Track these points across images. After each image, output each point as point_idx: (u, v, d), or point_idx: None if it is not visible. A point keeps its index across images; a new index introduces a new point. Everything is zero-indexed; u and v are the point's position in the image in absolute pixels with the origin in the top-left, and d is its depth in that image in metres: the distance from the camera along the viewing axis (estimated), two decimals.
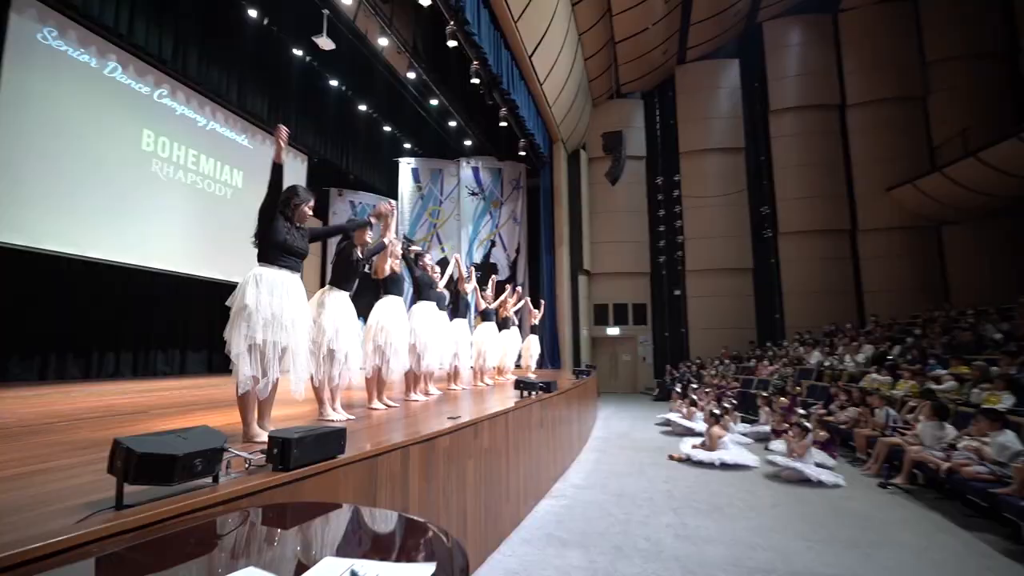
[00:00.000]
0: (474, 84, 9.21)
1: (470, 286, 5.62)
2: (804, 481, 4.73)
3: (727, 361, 12.81)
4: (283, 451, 1.56)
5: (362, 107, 11.42)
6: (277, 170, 2.39)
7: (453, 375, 5.43)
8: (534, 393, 4.41)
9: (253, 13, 8.24)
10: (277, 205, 2.43)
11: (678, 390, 9.29)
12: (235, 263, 8.57)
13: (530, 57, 9.86)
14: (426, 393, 4.80)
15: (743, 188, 14.44)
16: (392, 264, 3.70)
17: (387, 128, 12.58)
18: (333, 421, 2.94)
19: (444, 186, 13.60)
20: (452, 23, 7.63)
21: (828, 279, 13.22)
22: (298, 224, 2.57)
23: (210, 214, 8.70)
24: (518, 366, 8.42)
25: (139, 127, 7.64)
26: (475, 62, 8.57)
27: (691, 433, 7.01)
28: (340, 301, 3.07)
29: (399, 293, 3.70)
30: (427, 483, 2.30)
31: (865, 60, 13.19)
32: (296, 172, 11.01)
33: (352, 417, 3.04)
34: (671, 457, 5.78)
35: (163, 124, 8.00)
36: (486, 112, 10.88)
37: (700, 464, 5.41)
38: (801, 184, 13.54)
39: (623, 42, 13.18)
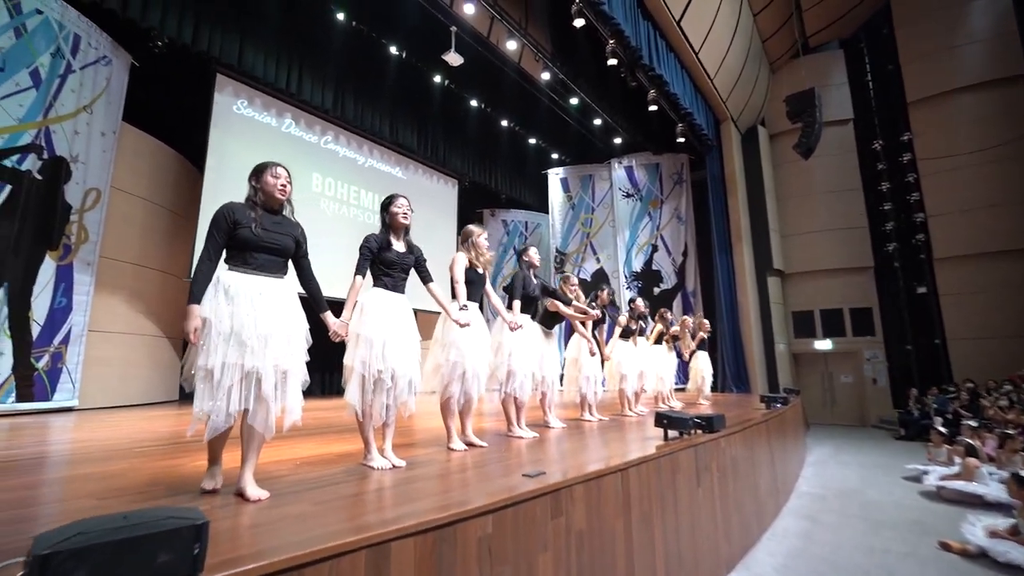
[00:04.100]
0: (613, 68, 8.13)
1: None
2: None
3: None
4: None
5: (504, 122, 11.30)
6: None
7: (584, 403, 4.35)
8: (685, 433, 3.07)
9: (394, 49, 8.73)
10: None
11: (941, 428, 6.33)
12: None
13: (678, 23, 8.36)
14: (546, 425, 3.86)
15: None
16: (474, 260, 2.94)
17: (531, 141, 12.26)
18: (375, 468, 2.21)
19: (595, 192, 12.61)
20: None
21: None
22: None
23: None
24: (682, 389, 6.85)
25: (310, 172, 8.63)
26: (610, 40, 7.53)
27: (979, 502, 4.45)
28: (387, 303, 2.38)
29: (474, 298, 2.88)
30: None
31: None
32: (447, 197, 11.39)
33: (402, 464, 2.26)
34: (945, 546, 3.51)
35: (329, 166, 8.94)
36: (633, 101, 9.65)
37: (1012, 568, 3.13)
38: None
39: None
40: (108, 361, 6.31)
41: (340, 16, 7.96)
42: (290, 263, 2.07)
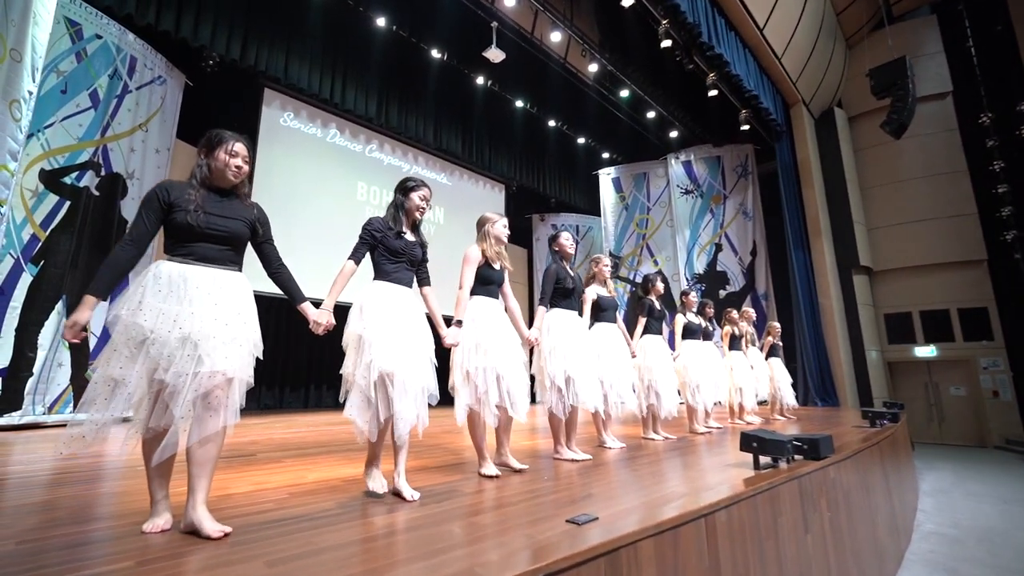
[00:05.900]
0: (667, 53, 7.49)
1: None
2: None
3: None
4: None
5: (551, 123, 10.85)
6: None
7: (649, 419, 3.71)
8: (782, 460, 2.39)
9: (435, 52, 8.55)
10: None
11: None
12: (438, 294, 8.77)
13: None
14: (602, 445, 3.28)
15: None
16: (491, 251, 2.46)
17: (580, 140, 11.71)
18: (381, 497, 1.76)
19: (651, 190, 11.81)
20: None
21: None
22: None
23: None
24: (764, 402, 5.96)
25: (355, 181, 8.58)
26: (663, 20, 6.92)
27: None
28: (393, 299, 1.95)
29: (492, 294, 2.40)
30: None
31: None
32: (495, 203, 11.06)
33: (414, 496, 1.79)
34: None
35: (374, 175, 8.86)
36: (690, 89, 8.90)
37: None
38: None
39: None
40: None
41: (381, 22, 7.87)
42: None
